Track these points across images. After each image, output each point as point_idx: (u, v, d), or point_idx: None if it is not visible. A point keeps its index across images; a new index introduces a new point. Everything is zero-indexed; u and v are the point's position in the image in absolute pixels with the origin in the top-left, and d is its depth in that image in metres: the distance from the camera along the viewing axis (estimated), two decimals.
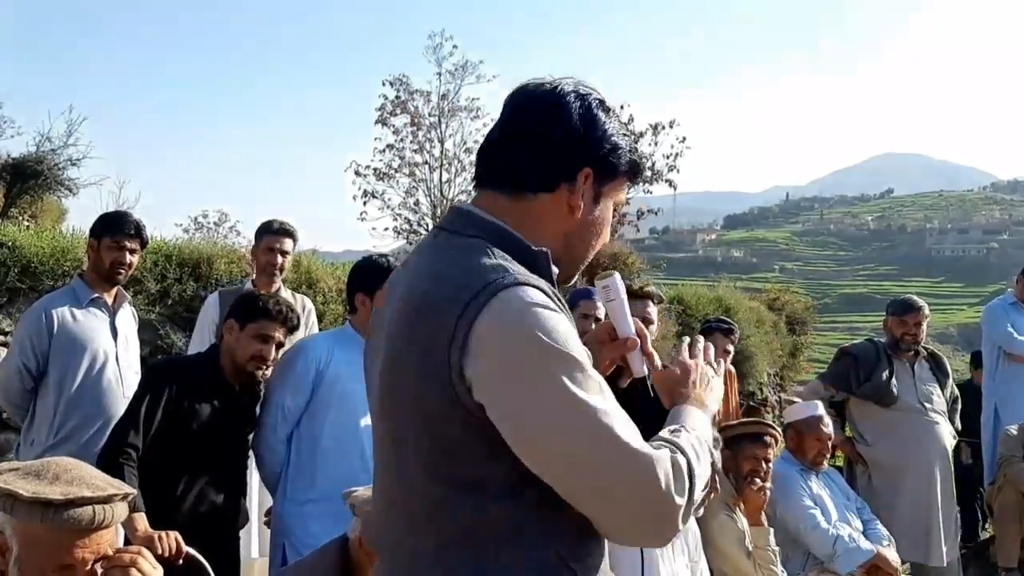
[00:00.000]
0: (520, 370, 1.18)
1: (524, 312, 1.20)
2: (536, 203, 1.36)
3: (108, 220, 3.71)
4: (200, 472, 3.00)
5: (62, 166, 9.23)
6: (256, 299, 3.18)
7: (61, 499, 1.50)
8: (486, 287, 1.21)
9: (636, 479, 1.18)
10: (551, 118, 1.35)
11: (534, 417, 1.18)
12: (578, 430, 1.17)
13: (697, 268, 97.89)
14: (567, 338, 1.21)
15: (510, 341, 1.19)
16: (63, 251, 5.57)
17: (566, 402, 1.18)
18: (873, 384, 4.64)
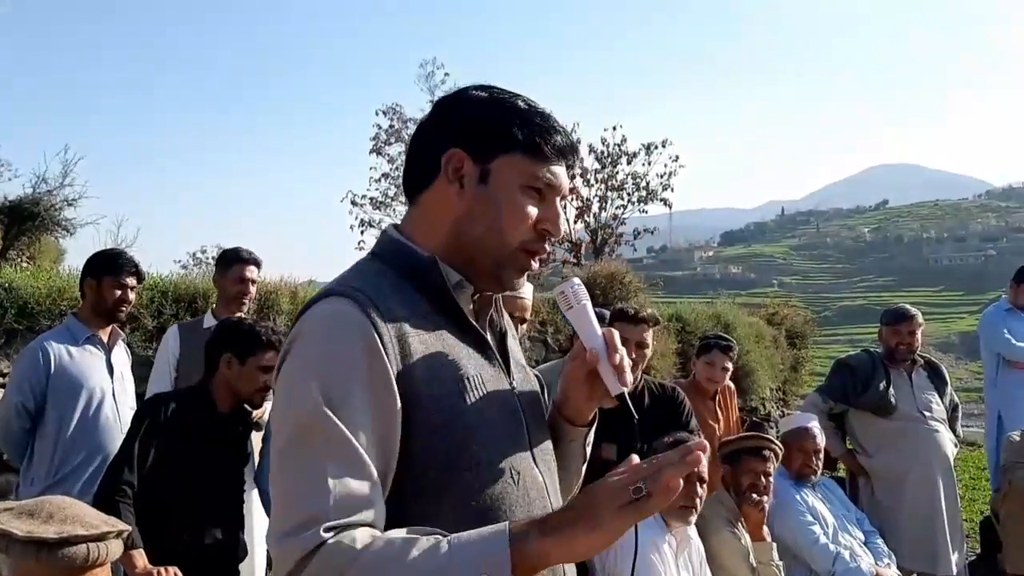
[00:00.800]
0: (281, 383, 1.22)
1: (307, 329, 1.22)
2: (422, 201, 1.34)
3: (108, 259, 3.73)
4: (198, 506, 2.97)
5: (58, 207, 9.28)
6: (252, 330, 3.16)
7: (55, 538, 1.50)
8: (310, 301, 1.26)
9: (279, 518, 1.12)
10: (424, 118, 1.39)
11: (273, 416, 1.23)
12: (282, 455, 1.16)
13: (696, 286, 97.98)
14: (341, 361, 1.16)
15: (290, 351, 1.22)
16: (59, 291, 5.58)
17: (282, 427, 1.18)
18: (871, 394, 4.63)
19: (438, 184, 1.31)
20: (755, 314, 12.64)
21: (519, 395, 1.36)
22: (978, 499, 6.81)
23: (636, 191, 17.39)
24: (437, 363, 1.23)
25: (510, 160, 1.29)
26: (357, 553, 1.04)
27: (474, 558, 1.03)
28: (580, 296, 1.34)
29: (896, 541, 4.49)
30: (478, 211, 1.29)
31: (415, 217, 1.35)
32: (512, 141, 1.29)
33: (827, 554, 3.70)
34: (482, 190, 1.29)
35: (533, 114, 1.31)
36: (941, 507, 4.58)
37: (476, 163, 1.29)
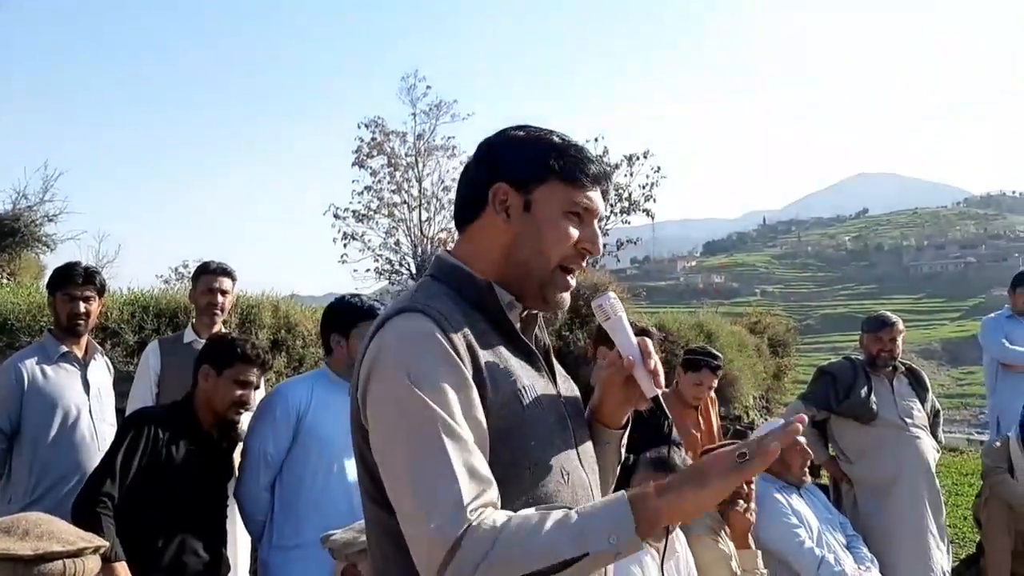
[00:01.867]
0: (376, 388, 1.31)
1: (396, 341, 1.32)
2: (473, 231, 1.49)
3: (58, 273, 3.66)
4: (180, 522, 2.95)
5: (39, 222, 9.22)
6: (231, 343, 3.15)
7: (31, 555, 1.49)
8: (385, 317, 1.38)
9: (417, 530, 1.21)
10: (471, 160, 1.53)
11: (380, 438, 1.30)
12: (398, 465, 1.25)
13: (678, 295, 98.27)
14: (431, 369, 1.28)
15: (377, 363, 1.32)
16: (39, 308, 5.54)
17: (394, 437, 1.27)
18: (852, 401, 4.65)
19: (486, 215, 1.46)
20: (737, 323, 12.68)
21: (564, 402, 1.50)
22: (960, 504, 6.85)
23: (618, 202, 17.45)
24: (498, 373, 1.36)
25: (550, 189, 1.44)
26: (498, 531, 1.16)
27: (603, 522, 1.19)
28: (617, 308, 1.49)
29: (882, 548, 4.48)
30: (524, 237, 1.44)
31: (467, 245, 1.50)
32: (550, 171, 1.44)
33: (812, 558, 3.71)
34: (527, 218, 1.44)
35: (567, 146, 1.46)
36: (927, 513, 4.60)
37: (519, 194, 1.44)
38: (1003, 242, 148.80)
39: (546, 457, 1.38)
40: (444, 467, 1.20)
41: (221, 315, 4.08)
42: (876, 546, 4.48)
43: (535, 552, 1.15)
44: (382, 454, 1.29)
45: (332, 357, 3.26)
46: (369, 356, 1.34)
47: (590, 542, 1.16)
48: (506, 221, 1.44)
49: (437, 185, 14.77)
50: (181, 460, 2.95)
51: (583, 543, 1.16)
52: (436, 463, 1.21)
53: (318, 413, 3.13)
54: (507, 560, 1.15)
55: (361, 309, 3.20)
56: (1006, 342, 5.68)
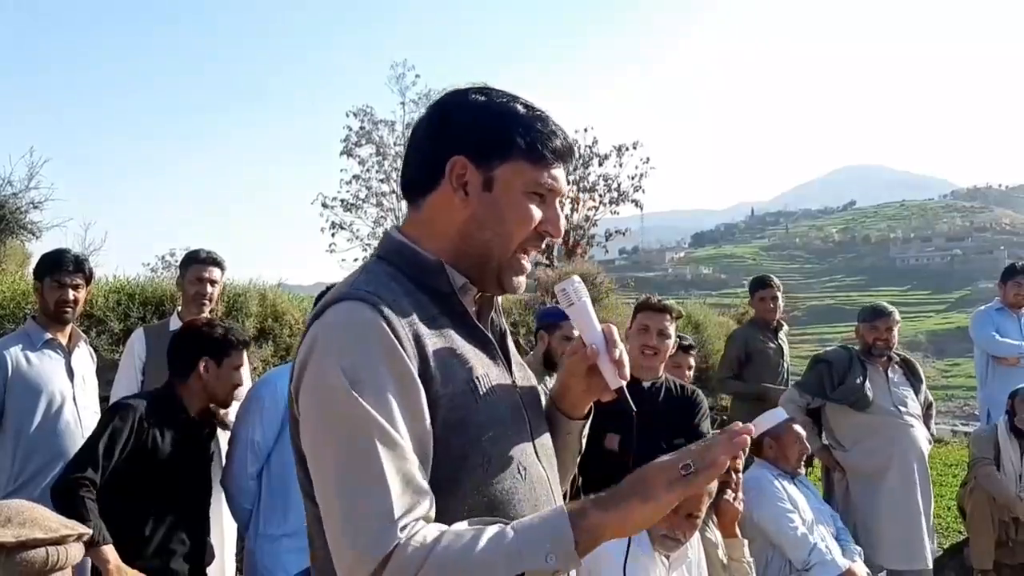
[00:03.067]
0: (309, 384, 1.20)
1: (332, 332, 1.21)
2: (426, 205, 1.35)
3: (47, 260, 3.63)
4: (164, 509, 2.93)
5: (24, 209, 9.14)
6: (225, 334, 3.14)
7: (13, 542, 1.47)
8: (324, 304, 1.25)
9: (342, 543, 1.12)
10: (422, 120, 1.39)
11: (310, 439, 1.20)
12: (329, 468, 1.15)
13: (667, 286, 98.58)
14: (365, 366, 1.17)
15: (311, 357, 1.21)
16: (24, 295, 5.50)
17: (325, 440, 1.17)
18: (847, 387, 4.68)
19: (442, 190, 1.33)
20: (725, 314, 12.72)
21: (520, 392, 1.40)
22: (945, 495, 6.90)
23: (608, 192, 17.47)
24: (449, 363, 1.25)
25: (513, 167, 1.32)
26: (428, 549, 1.08)
27: (539, 538, 1.10)
28: (580, 293, 1.38)
29: (873, 536, 4.56)
30: (484, 217, 1.32)
31: (418, 220, 1.37)
32: (514, 148, 1.31)
33: (804, 544, 3.74)
34: (487, 197, 1.32)
35: (534, 119, 1.33)
36: (918, 502, 4.63)
37: (479, 170, 1.31)
38: (989, 235, 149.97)
39: (501, 451, 1.28)
40: (375, 476, 1.11)
41: (209, 304, 4.08)
42: (867, 532, 4.58)
43: (468, 572, 1.08)
44: (312, 454, 1.19)
45: None
46: (304, 347, 1.23)
47: (525, 560, 1.09)
48: (463, 199, 1.31)
49: None
50: (164, 448, 2.93)
51: (518, 561, 1.09)
52: (367, 472, 1.11)
53: None
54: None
55: None
56: (996, 335, 5.71)
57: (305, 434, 1.21)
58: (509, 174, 1.31)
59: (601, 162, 17.54)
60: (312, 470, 1.19)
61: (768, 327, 5.83)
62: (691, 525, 2.95)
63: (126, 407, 2.94)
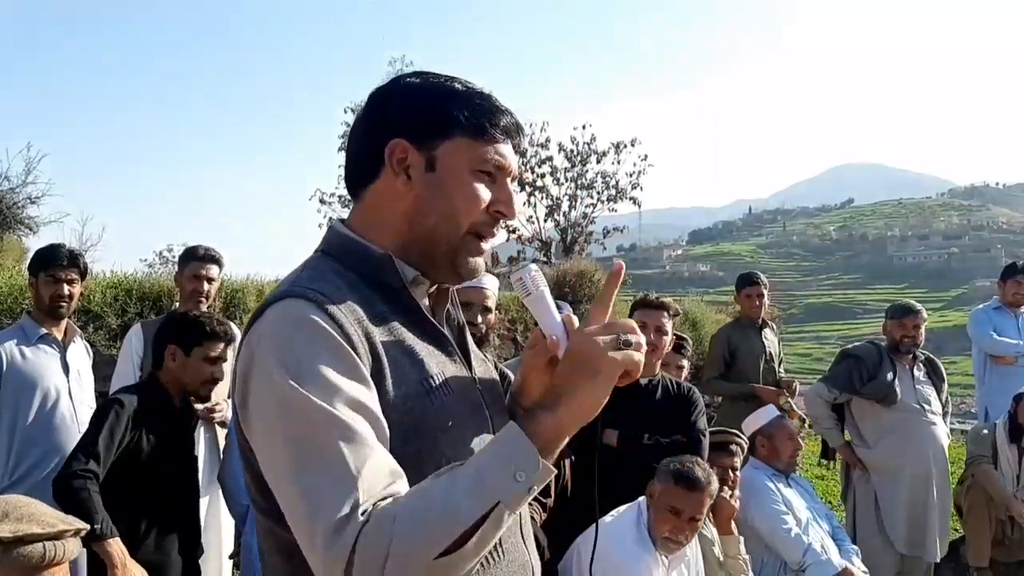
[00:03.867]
0: (255, 388, 1.12)
1: (272, 331, 1.13)
2: (368, 195, 1.29)
3: (41, 255, 3.63)
4: (156, 503, 2.93)
5: (21, 204, 9.14)
6: (195, 322, 3.11)
7: (10, 537, 1.46)
8: (264, 303, 1.18)
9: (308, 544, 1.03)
10: (360, 114, 1.33)
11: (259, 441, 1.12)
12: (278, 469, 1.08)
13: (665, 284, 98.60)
14: (315, 362, 1.09)
15: (253, 360, 1.13)
16: (21, 290, 5.50)
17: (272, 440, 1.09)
18: (877, 383, 4.72)
19: (383, 177, 1.27)
20: (723, 312, 12.72)
21: (481, 388, 1.33)
22: None
23: (605, 190, 17.47)
24: (400, 362, 1.19)
25: (456, 144, 1.25)
26: (391, 521, 0.99)
27: (499, 460, 1.04)
28: (538, 282, 1.28)
29: (893, 528, 4.66)
30: (429, 200, 1.25)
31: (362, 212, 1.31)
32: (454, 124, 1.25)
33: (799, 545, 3.74)
34: (430, 178, 1.25)
35: (472, 95, 1.27)
36: (933, 497, 4.70)
37: (420, 151, 1.25)
38: (986, 233, 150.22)
39: (460, 454, 1.17)
40: (335, 470, 1.03)
41: (206, 302, 4.07)
42: (885, 523, 4.68)
43: (439, 526, 0.99)
44: (266, 464, 1.11)
45: None
46: (245, 353, 1.15)
47: (495, 489, 1.01)
48: (406, 183, 1.25)
49: None
50: (153, 440, 2.92)
51: (487, 494, 1.00)
52: (324, 467, 1.03)
53: None
54: (410, 549, 0.98)
55: None
56: (994, 334, 5.73)
57: (257, 445, 1.13)
58: (452, 151, 1.25)
59: (599, 159, 17.54)
60: (268, 477, 1.11)
61: (753, 325, 5.82)
62: (693, 529, 2.96)
63: (120, 402, 2.93)
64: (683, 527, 2.91)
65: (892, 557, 4.68)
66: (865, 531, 4.77)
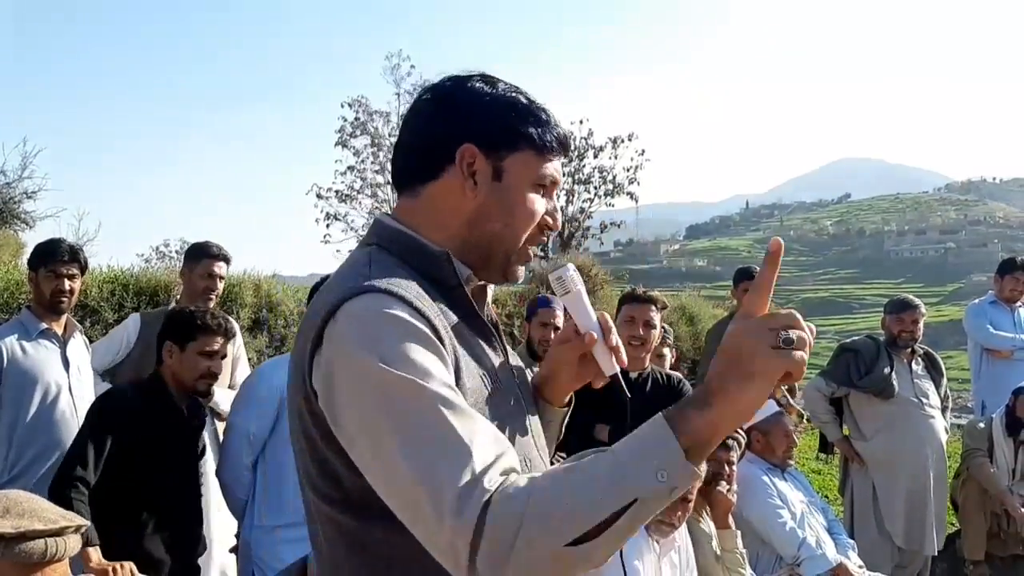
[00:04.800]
0: (344, 386, 1.11)
1: (361, 324, 1.12)
2: (428, 193, 1.31)
3: (42, 249, 3.62)
4: (156, 501, 2.93)
5: (17, 199, 9.13)
6: (190, 316, 3.11)
7: (12, 532, 1.47)
8: (340, 297, 1.16)
9: (428, 523, 1.01)
10: (423, 105, 1.34)
11: (354, 433, 1.10)
12: (387, 454, 1.05)
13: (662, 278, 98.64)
14: (405, 354, 1.09)
15: (341, 354, 1.12)
16: (18, 285, 5.49)
17: (377, 425, 1.06)
18: (874, 376, 4.75)
19: (448, 178, 1.28)
20: (720, 306, 12.75)
21: (518, 381, 1.37)
22: None
23: (603, 184, 17.45)
24: (466, 358, 1.22)
25: (523, 158, 1.29)
26: (524, 500, 0.97)
27: (643, 457, 1.00)
28: (576, 281, 1.36)
29: (891, 521, 4.70)
30: (493, 208, 1.29)
31: (418, 209, 1.31)
32: (524, 139, 1.29)
33: (794, 539, 3.76)
34: (496, 188, 1.29)
35: (539, 110, 1.32)
36: (931, 491, 4.73)
37: (488, 160, 1.28)
38: (983, 228, 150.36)
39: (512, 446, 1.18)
40: (448, 442, 1.02)
41: (215, 300, 4.10)
42: (884, 516, 4.71)
43: (574, 513, 0.96)
44: (365, 453, 1.09)
45: None
46: (328, 351, 1.13)
47: (634, 484, 0.98)
48: (473, 188, 1.27)
49: None
50: (154, 439, 2.92)
51: (626, 489, 0.97)
52: (437, 441, 1.02)
53: None
54: (543, 531, 0.95)
55: None
56: (990, 328, 5.75)
57: (349, 434, 1.11)
58: (519, 164, 1.29)
59: (596, 154, 17.52)
60: (368, 466, 1.09)
61: None
62: (685, 508, 2.99)
63: (113, 398, 2.93)
64: (675, 506, 2.88)
65: (890, 550, 4.72)
66: (863, 524, 4.80)
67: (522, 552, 0.95)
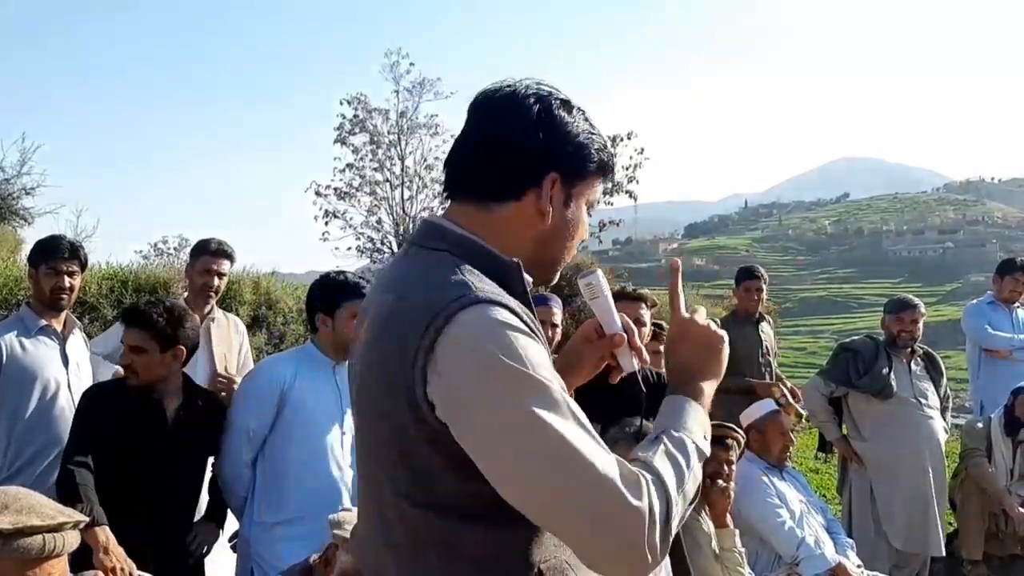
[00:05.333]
0: (482, 393, 1.14)
1: (487, 333, 1.16)
2: (505, 212, 1.34)
3: (42, 246, 3.61)
4: (156, 499, 2.93)
5: (16, 195, 9.13)
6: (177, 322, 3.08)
7: (10, 528, 1.46)
8: (449, 305, 1.17)
9: (603, 512, 1.11)
10: (512, 124, 1.34)
11: (497, 443, 1.14)
12: (542, 457, 1.12)
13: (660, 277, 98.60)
14: (533, 359, 1.16)
15: (472, 363, 1.15)
16: (16, 281, 5.49)
17: (529, 428, 1.12)
18: (872, 376, 4.75)
19: (528, 200, 1.33)
20: (718, 305, 12.76)
21: None
22: None
23: None
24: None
25: (588, 185, 1.39)
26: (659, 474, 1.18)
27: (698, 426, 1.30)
28: (604, 287, 1.47)
29: (889, 523, 4.69)
30: (560, 232, 1.38)
31: (489, 222, 1.34)
32: (593, 168, 1.38)
33: (792, 538, 3.77)
34: (566, 213, 1.37)
35: (602, 139, 1.40)
36: (932, 491, 4.73)
37: (564, 187, 1.35)
38: (981, 228, 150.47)
39: None
40: (593, 442, 1.15)
41: (215, 297, 4.07)
42: (882, 517, 4.71)
43: (693, 485, 1.23)
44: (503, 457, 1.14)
45: (318, 335, 3.23)
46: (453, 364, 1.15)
47: (702, 450, 1.27)
48: (549, 215, 1.34)
49: (420, 163, 14.66)
50: (138, 436, 2.91)
51: (703, 452, 1.27)
52: (587, 442, 1.13)
53: (302, 390, 3.11)
54: (680, 503, 1.19)
55: (346, 286, 3.17)
56: (989, 328, 5.75)
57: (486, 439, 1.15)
58: (584, 191, 1.38)
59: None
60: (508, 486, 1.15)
61: (749, 318, 5.81)
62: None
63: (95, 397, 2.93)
64: None
65: (888, 550, 4.71)
66: (861, 524, 4.79)
67: (673, 522, 1.16)
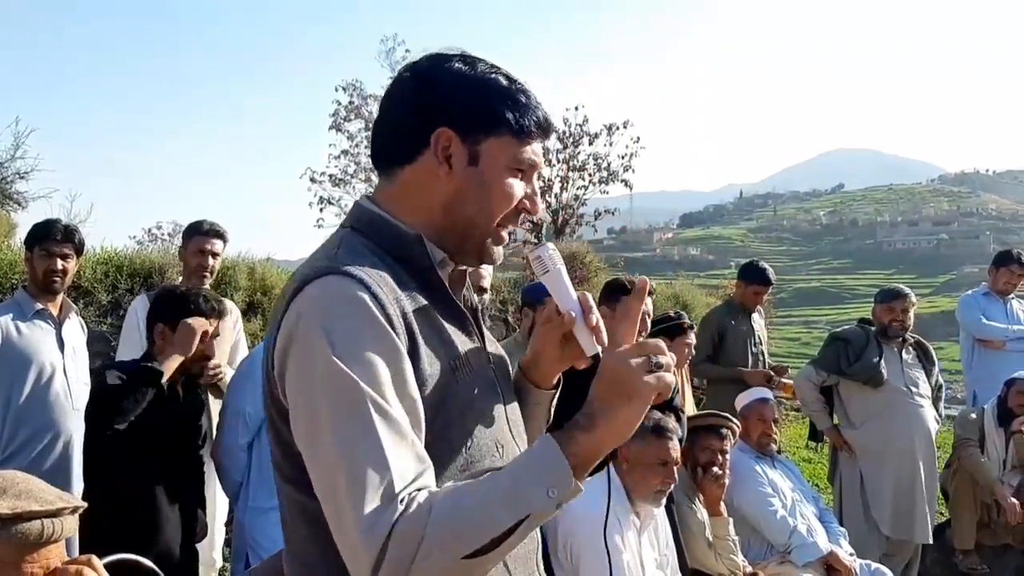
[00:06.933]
0: (296, 363, 1.14)
1: (317, 306, 1.15)
2: (404, 177, 1.30)
3: (37, 229, 3.61)
4: (154, 484, 2.93)
5: (9, 179, 9.07)
6: (181, 298, 3.08)
7: (8, 513, 1.46)
8: (303, 279, 1.19)
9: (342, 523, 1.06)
10: (398, 87, 1.33)
11: (299, 407, 1.14)
12: (324, 432, 1.10)
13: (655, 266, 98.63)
14: (357, 341, 1.12)
15: (296, 334, 1.15)
16: (10, 265, 5.47)
17: (323, 403, 1.10)
18: (863, 364, 4.79)
19: (423, 162, 1.28)
20: (713, 295, 12.76)
21: (493, 366, 1.37)
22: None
23: (597, 172, 17.40)
24: (432, 342, 1.22)
25: (499, 143, 1.28)
26: (425, 517, 1.03)
27: (537, 476, 1.08)
28: (556, 260, 1.33)
29: (879, 509, 4.73)
30: (468, 193, 1.28)
31: (394, 192, 1.32)
32: (502, 123, 1.28)
33: (784, 527, 3.79)
34: (472, 172, 1.28)
35: (518, 92, 1.30)
36: (921, 479, 4.77)
37: (465, 144, 1.27)
38: (975, 219, 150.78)
39: (481, 432, 1.25)
40: (373, 453, 1.06)
41: (210, 277, 4.07)
42: (875, 504, 4.75)
43: (472, 529, 1.04)
44: (304, 439, 1.13)
45: None
46: (287, 326, 1.16)
47: (528, 502, 1.06)
48: (448, 173, 1.27)
49: None
50: (145, 424, 2.91)
51: (520, 506, 1.05)
52: (363, 448, 1.06)
53: None
54: (441, 546, 1.02)
55: None
56: (983, 319, 5.78)
57: (297, 419, 1.15)
58: (495, 149, 1.28)
59: (591, 141, 17.46)
60: (307, 458, 1.13)
61: (744, 309, 5.81)
62: (670, 473, 3.06)
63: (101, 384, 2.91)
64: (669, 475, 3.03)
65: (878, 539, 4.74)
66: (851, 512, 4.83)
67: (420, 566, 1.02)
